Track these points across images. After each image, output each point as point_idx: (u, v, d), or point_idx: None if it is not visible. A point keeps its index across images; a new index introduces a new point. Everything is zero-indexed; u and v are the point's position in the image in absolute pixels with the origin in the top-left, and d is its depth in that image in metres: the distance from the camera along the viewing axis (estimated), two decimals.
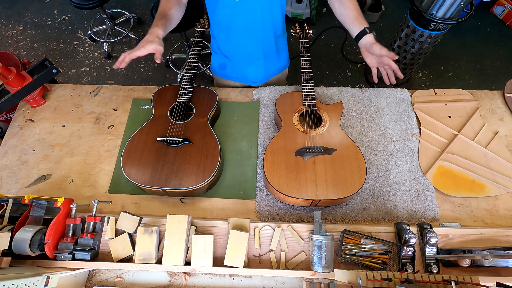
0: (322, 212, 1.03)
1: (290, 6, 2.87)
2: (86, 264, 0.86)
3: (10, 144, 1.19)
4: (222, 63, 1.31)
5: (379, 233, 0.93)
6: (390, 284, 0.63)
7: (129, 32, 2.83)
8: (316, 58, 2.76)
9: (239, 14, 1.06)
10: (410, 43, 2.05)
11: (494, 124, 1.20)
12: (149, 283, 0.92)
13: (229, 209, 1.05)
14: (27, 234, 0.82)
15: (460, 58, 2.73)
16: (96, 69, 2.73)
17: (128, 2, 3.14)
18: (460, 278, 0.63)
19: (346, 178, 0.96)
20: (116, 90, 1.32)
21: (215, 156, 1.02)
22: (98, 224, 0.92)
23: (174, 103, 1.14)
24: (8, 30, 2.96)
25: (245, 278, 0.93)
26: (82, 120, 1.24)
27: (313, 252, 0.83)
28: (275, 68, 1.34)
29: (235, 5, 1.03)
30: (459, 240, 0.91)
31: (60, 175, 1.12)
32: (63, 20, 3.03)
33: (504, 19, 2.91)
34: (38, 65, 1.24)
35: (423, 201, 1.04)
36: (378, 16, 2.90)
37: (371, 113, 1.23)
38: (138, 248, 0.87)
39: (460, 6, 1.71)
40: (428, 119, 1.20)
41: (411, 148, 1.14)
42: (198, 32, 1.33)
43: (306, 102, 1.13)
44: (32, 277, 0.74)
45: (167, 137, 1.05)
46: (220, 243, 0.92)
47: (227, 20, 1.09)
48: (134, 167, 0.99)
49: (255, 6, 1.04)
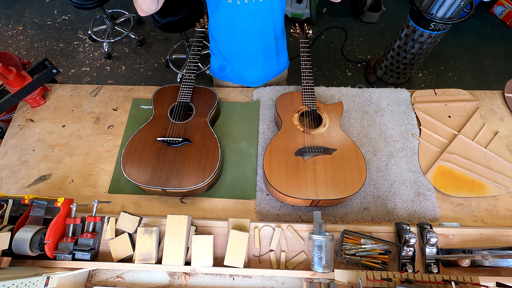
0: (322, 212, 1.03)
1: (290, 6, 2.87)
2: (86, 264, 0.86)
3: (10, 144, 1.19)
4: (222, 64, 1.31)
5: (379, 233, 0.93)
6: (390, 284, 0.63)
7: (129, 32, 2.83)
8: (316, 58, 2.76)
9: (240, 16, 1.06)
10: (410, 43, 2.05)
11: (494, 124, 1.20)
12: (149, 283, 0.92)
13: (229, 209, 1.05)
14: (27, 234, 0.82)
15: (460, 58, 2.73)
16: (96, 69, 2.73)
17: (128, 2, 3.14)
18: (460, 278, 0.63)
19: (346, 178, 0.96)
20: (116, 90, 1.32)
21: (215, 156, 1.02)
22: (98, 224, 0.92)
23: (174, 103, 1.14)
24: (8, 30, 2.96)
25: (245, 278, 0.93)
26: (82, 120, 1.24)
27: (313, 252, 0.83)
28: (274, 70, 1.33)
29: (236, 8, 1.03)
30: (459, 240, 0.91)
31: (60, 175, 1.12)
32: (63, 20, 3.03)
33: (504, 19, 2.91)
34: (38, 65, 1.24)
35: (423, 201, 1.04)
36: (378, 16, 2.90)
37: (371, 113, 1.23)
38: (138, 248, 0.87)
39: (460, 6, 1.71)
40: (428, 119, 1.20)
41: (411, 148, 1.14)
42: (198, 32, 1.33)
43: (306, 102, 1.13)
44: (32, 277, 0.74)
45: (167, 137, 1.05)
46: (220, 243, 0.92)
47: (227, 22, 1.09)
48: (134, 167, 0.99)
49: (256, 9, 1.04)
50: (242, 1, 1.01)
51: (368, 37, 2.88)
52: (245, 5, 1.02)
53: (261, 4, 1.03)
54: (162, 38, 2.91)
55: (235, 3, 1.01)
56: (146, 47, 2.86)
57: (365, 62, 2.73)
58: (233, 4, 1.02)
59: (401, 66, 2.28)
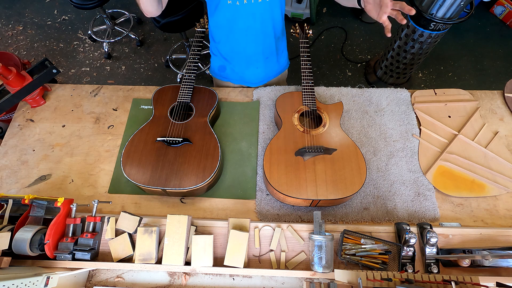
0: (322, 212, 1.03)
1: (290, 6, 2.87)
2: (86, 264, 0.86)
3: (10, 144, 1.19)
4: (222, 65, 1.31)
5: (379, 233, 0.93)
6: (390, 284, 0.63)
7: (129, 32, 2.83)
8: (316, 58, 2.76)
9: (239, 17, 1.06)
10: (410, 43, 2.04)
11: (494, 124, 1.20)
12: (149, 283, 0.92)
13: (229, 209, 1.05)
14: (27, 234, 0.82)
15: (460, 58, 2.73)
16: (96, 69, 2.73)
17: (128, 2, 3.14)
18: (460, 278, 0.63)
19: (346, 178, 0.96)
20: (116, 90, 1.32)
21: (215, 156, 1.02)
22: (98, 224, 0.92)
23: (174, 103, 1.14)
24: (8, 30, 2.96)
25: (245, 278, 0.93)
26: (82, 120, 1.24)
27: (313, 252, 0.83)
28: (274, 70, 1.33)
29: (236, 8, 1.03)
30: (459, 240, 0.91)
31: (60, 175, 1.12)
32: (63, 20, 3.03)
33: (504, 19, 2.91)
34: (38, 65, 1.24)
35: (423, 201, 1.04)
36: None
37: (371, 113, 1.23)
38: (138, 248, 0.87)
39: (460, 6, 1.71)
40: (428, 119, 1.20)
41: (411, 148, 1.14)
42: (198, 32, 1.33)
43: (306, 102, 1.13)
44: (32, 277, 0.74)
45: (167, 137, 1.05)
46: (220, 243, 0.92)
47: (227, 22, 1.09)
48: (134, 167, 0.99)
49: (256, 9, 1.04)
50: (241, 2, 1.01)
51: (368, 37, 2.88)
52: (244, 5, 1.02)
53: (260, 4, 1.03)
54: (162, 38, 2.91)
55: (234, 3, 1.01)
56: (146, 47, 2.86)
57: (365, 62, 2.73)
58: (233, 5, 1.02)
59: (401, 66, 2.28)
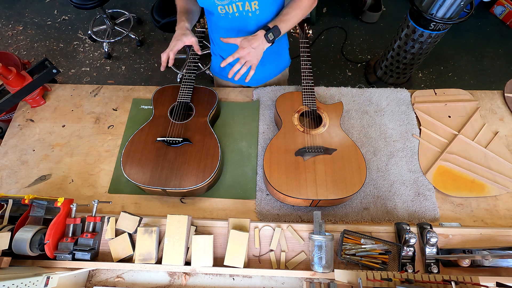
0: (322, 212, 1.03)
1: None
2: (86, 264, 0.86)
3: (10, 144, 1.19)
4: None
5: (379, 233, 0.93)
6: (390, 284, 0.63)
7: (129, 32, 2.83)
8: (316, 58, 2.76)
9: (235, 26, 1.05)
10: (410, 43, 2.04)
11: (494, 124, 1.20)
12: (149, 283, 0.92)
13: (229, 209, 1.05)
14: (27, 234, 0.82)
15: (460, 58, 2.73)
16: (96, 69, 2.73)
17: (128, 2, 3.14)
18: (460, 278, 0.63)
19: (346, 178, 0.96)
20: (116, 90, 1.32)
21: (215, 156, 1.02)
22: (98, 224, 0.92)
23: (174, 103, 1.14)
24: (8, 30, 2.96)
25: (245, 278, 0.93)
26: (82, 120, 1.24)
27: (313, 252, 0.83)
28: (274, 70, 1.33)
29: (230, 19, 1.02)
30: (459, 240, 0.91)
31: (60, 175, 1.12)
32: (63, 20, 3.03)
33: (504, 19, 2.91)
34: (38, 65, 1.24)
35: (423, 201, 1.04)
36: (378, 16, 2.90)
37: (371, 113, 1.23)
38: (138, 248, 0.87)
39: (460, 6, 1.71)
40: (428, 119, 1.20)
41: (411, 148, 1.14)
42: (198, 32, 1.33)
43: (306, 102, 1.13)
44: (32, 277, 0.74)
45: (167, 137, 1.05)
46: (220, 243, 0.92)
47: (224, 29, 1.09)
48: (134, 167, 0.99)
49: (250, 20, 1.02)
50: (233, 15, 1.00)
51: (368, 37, 2.88)
52: (236, 18, 1.01)
53: (253, 15, 1.01)
54: (162, 38, 2.91)
55: (227, 16, 1.01)
56: (146, 47, 2.86)
57: (365, 62, 2.73)
58: (225, 17, 1.02)
59: (401, 66, 2.28)
